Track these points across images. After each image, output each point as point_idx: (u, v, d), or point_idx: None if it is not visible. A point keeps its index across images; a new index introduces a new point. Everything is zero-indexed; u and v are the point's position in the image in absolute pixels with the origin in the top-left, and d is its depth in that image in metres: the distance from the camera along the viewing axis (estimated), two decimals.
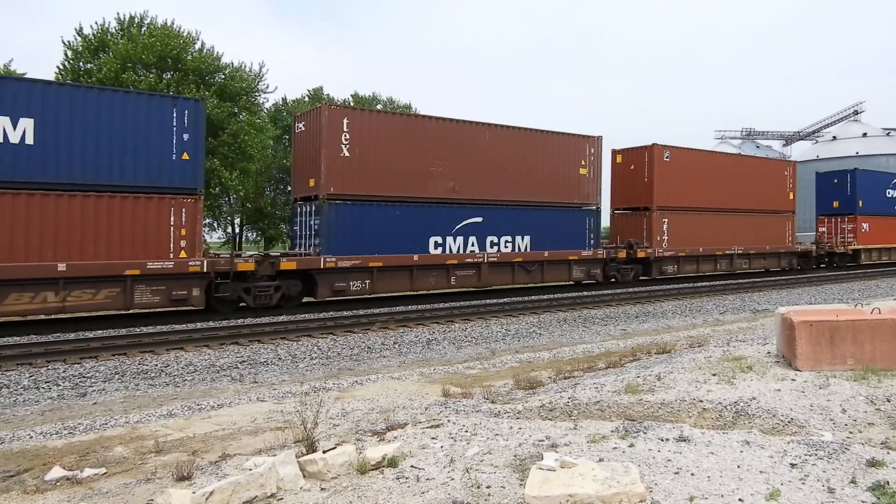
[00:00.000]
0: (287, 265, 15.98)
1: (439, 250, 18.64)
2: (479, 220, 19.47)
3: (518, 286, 21.04)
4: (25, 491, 4.93)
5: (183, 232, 14.32)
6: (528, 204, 20.65)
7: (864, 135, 58.60)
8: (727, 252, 26.61)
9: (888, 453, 4.65)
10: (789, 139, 75.59)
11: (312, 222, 17.18)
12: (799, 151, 69.75)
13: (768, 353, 8.45)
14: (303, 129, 17.90)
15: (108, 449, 6.16)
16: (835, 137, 61.26)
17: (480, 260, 19.40)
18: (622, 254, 23.39)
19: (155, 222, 14.02)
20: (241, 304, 15.87)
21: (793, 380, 6.85)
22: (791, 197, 29.50)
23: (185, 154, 14.43)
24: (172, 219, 14.21)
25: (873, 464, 4.42)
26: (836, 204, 33.02)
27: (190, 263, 14.34)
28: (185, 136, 14.39)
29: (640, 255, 23.76)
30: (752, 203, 27.79)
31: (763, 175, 28.61)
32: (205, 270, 14.56)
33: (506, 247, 20.11)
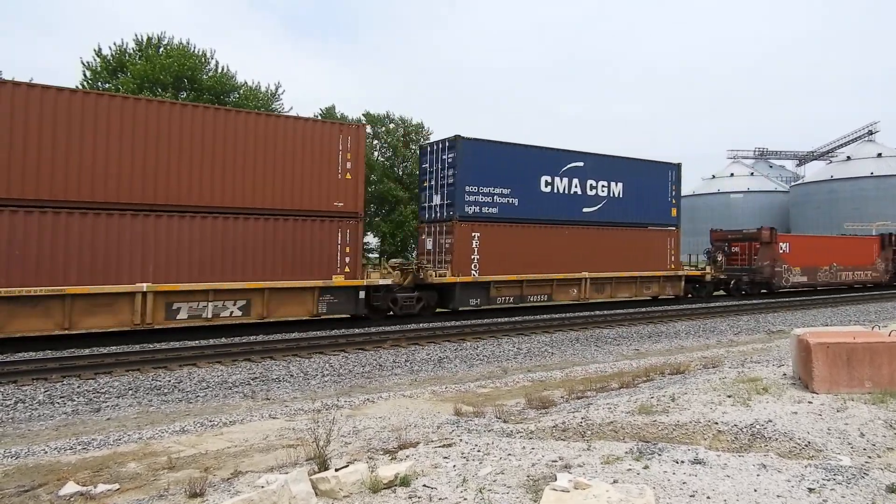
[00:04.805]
0: None
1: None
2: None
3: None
4: None
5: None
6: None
7: (879, 155, 58.24)
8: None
9: None
10: (803, 159, 75.36)
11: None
12: (812, 171, 69.41)
13: (784, 374, 8.36)
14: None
15: (122, 465, 6.18)
16: (849, 157, 60.93)
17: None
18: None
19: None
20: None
21: (809, 402, 6.76)
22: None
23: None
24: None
25: (893, 489, 4.35)
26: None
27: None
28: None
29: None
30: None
31: None
32: None
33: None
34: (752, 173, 71.86)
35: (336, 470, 4.67)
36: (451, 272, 18.88)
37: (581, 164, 21.97)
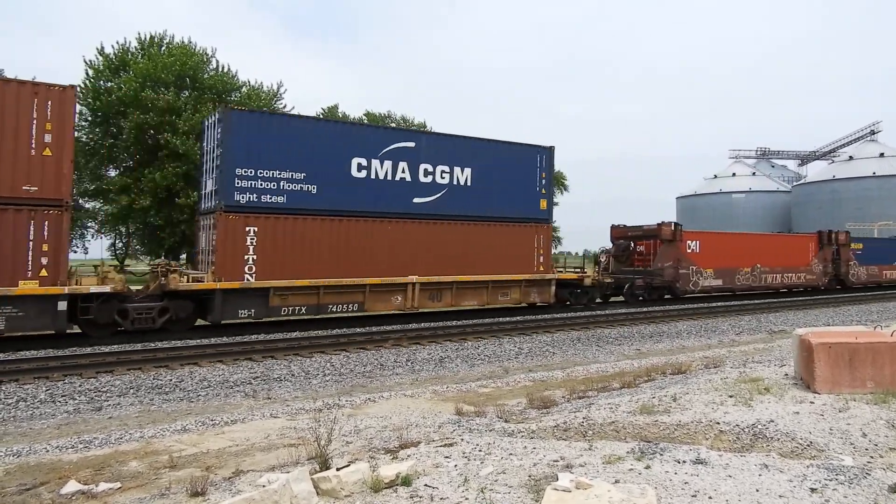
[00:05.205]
0: None
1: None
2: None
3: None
4: None
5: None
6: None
7: (881, 155, 58.14)
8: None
9: None
10: (805, 159, 75.33)
11: None
12: (814, 171, 69.33)
13: (786, 374, 8.34)
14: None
15: (123, 463, 6.18)
16: (851, 157, 60.81)
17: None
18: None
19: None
20: None
21: (811, 402, 6.75)
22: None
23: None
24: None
25: (895, 489, 4.34)
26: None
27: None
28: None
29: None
30: None
31: None
32: None
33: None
34: (753, 173, 71.78)
35: (337, 469, 4.66)
36: (214, 276, 14.97)
37: (411, 144, 18.13)
